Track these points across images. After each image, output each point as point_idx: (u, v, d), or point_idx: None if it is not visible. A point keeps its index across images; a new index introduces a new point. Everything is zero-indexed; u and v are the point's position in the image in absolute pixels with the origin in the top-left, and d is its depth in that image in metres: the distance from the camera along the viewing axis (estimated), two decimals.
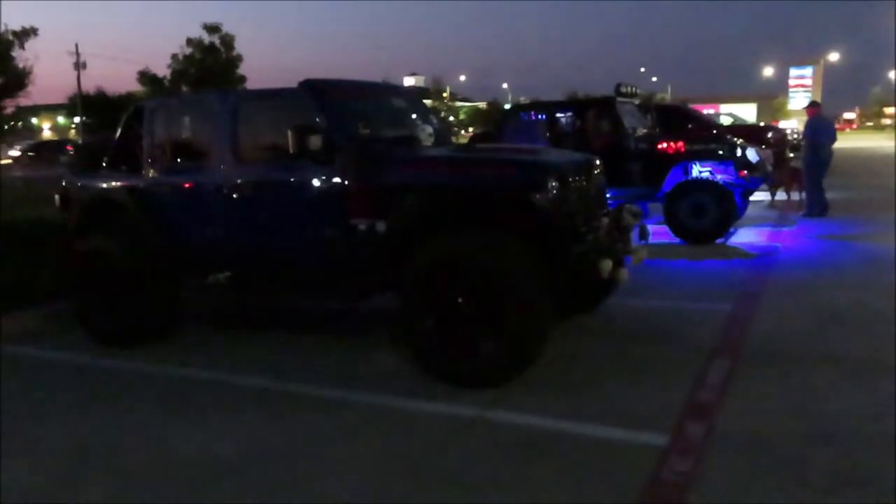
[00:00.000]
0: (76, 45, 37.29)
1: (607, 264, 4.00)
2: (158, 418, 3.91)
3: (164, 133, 5.44)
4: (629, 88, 9.62)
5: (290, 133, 4.43)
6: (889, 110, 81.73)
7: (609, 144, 9.22)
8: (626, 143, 9.01)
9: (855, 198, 12.51)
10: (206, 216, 5.09)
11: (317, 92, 4.78)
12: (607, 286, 4.64)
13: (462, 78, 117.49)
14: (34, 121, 61.28)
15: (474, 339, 4.02)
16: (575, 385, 4.08)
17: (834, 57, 77.31)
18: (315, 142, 4.47)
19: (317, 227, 4.68)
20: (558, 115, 9.59)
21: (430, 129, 5.07)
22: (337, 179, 4.53)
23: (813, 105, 11.69)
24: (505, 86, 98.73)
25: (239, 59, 26.50)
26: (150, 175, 5.38)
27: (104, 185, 5.67)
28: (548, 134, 9.55)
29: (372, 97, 5.37)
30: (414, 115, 5.52)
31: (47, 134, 62.34)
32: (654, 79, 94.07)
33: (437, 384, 4.08)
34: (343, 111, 4.81)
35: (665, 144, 8.93)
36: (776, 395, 3.82)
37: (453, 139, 5.92)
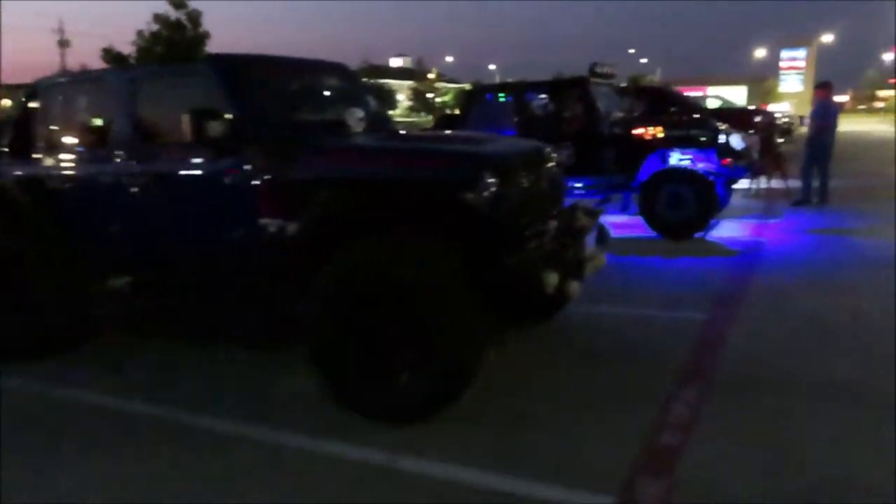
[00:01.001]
0: (60, 22, 36.10)
1: (552, 277, 3.33)
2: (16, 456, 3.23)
3: (59, 116, 4.75)
4: (605, 68, 8.91)
5: (188, 118, 3.74)
6: (882, 93, 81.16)
7: (581, 129, 8.55)
8: (600, 127, 8.32)
9: (849, 186, 11.89)
10: (102, 211, 4.41)
11: (223, 69, 4.07)
12: (557, 299, 3.99)
13: (449, 59, 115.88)
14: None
15: (393, 365, 3.36)
16: (509, 424, 3.41)
17: (827, 38, 76.52)
18: (216, 128, 3.77)
19: (221, 228, 4.00)
20: (527, 96, 8.87)
21: (360, 114, 4.35)
22: (243, 172, 3.84)
23: (823, 86, 10.86)
24: (493, 67, 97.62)
25: (206, 36, 25.43)
26: (45, 163, 4.68)
27: None
28: (516, 118, 8.85)
29: (294, 76, 4.64)
30: (346, 97, 4.81)
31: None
32: (644, 60, 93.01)
33: (354, 418, 3.42)
34: (254, 92, 4.10)
35: (641, 130, 8.24)
36: (752, 441, 3.17)
37: (393, 125, 5.18)
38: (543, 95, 8.90)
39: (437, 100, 66.59)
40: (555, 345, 4.50)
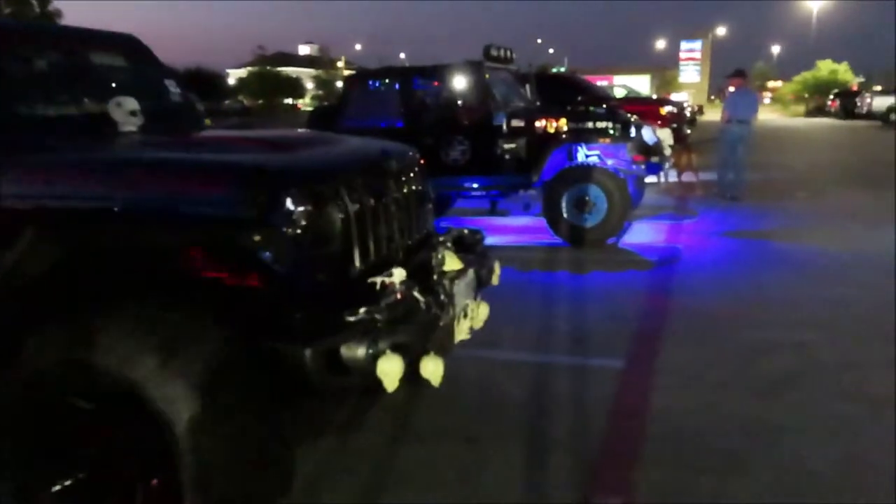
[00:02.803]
0: None
1: (391, 368, 2.08)
2: None
3: None
4: (502, 51, 7.76)
5: None
6: (771, 84, 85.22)
7: (476, 121, 7.37)
8: (497, 119, 7.17)
9: (756, 179, 11.33)
10: None
11: None
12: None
13: (358, 46, 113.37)
14: None
15: None
16: None
17: (721, 31, 79.71)
18: None
19: None
20: (414, 84, 7.62)
21: (132, 105, 2.95)
22: None
23: (737, 74, 10.20)
24: (403, 56, 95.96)
25: (57, 14, 22.85)
26: None
27: None
28: (401, 108, 7.58)
29: (37, 48, 3.16)
30: (129, 82, 3.40)
31: None
32: (551, 50, 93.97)
33: None
34: None
35: (544, 122, 7.15)
36: None
37: (200, 122, 3.76)
38: (432, 82, 7.69)
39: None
40: (405, 425, 3.26)
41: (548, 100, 8.92)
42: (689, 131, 14.63)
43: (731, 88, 10.35)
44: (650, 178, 8.28)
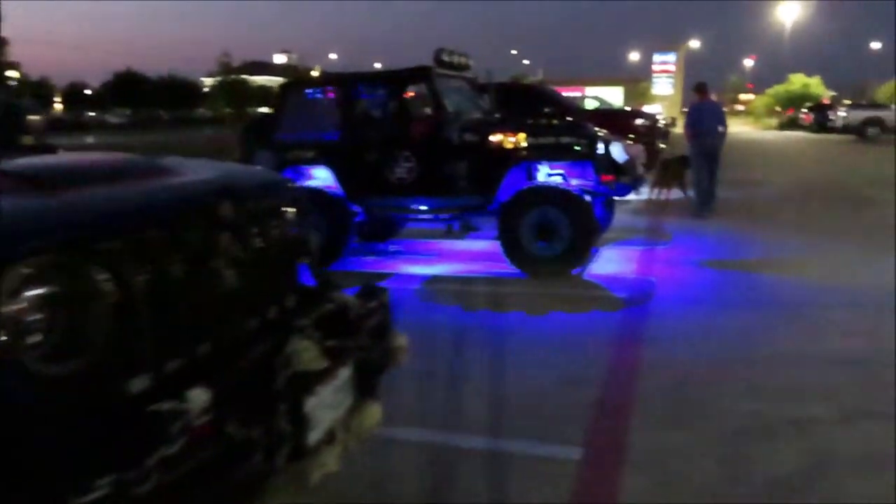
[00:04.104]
0: None
1: None
2: None
3: None
4: (455, 57, 6.91)
5: None
6: (743, 97, 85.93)
7: (423, 134, 6.52)
8: (447, 132, 6.31)
9: (732, 197, 10.62)
10: None
11: None
12: None
13: (333, 56, 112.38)
14: None
15: None
16: None
17: (695, 45, 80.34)
18: None
19: None
20: (356, 92, 6.72)
21: None
22: None
23: (697, 88, 9.79)
24: (378, 65, 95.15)
25: None
26: None
27: None
28: (342, 120, 6.68)
29: None
30: None
31: None
32: (526, 61, 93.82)
33: None
34: None
35: (500, 136, 6.29)
36: None
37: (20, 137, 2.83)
38: (376, 91, 6.81)
39: None
40: None
41: (513, 112, 8.09)
42: (663, 145, 13.90)
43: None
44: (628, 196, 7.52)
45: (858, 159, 18.75)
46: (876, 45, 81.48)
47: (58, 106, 72.88)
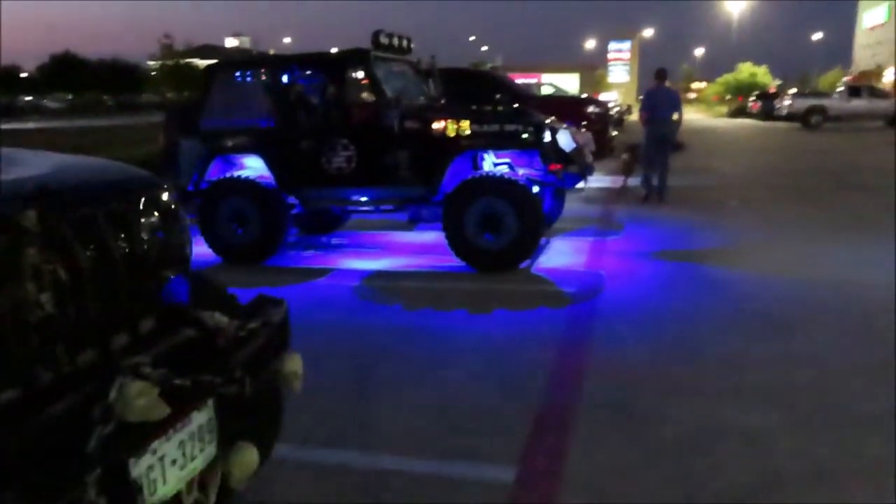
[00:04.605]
0: None
1: None
2: None
3: None
4: (395, 39, 6.54)
5: None
6: (695, 85, 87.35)
7: (362, 121, 6.17)
8: (387, 118, 5.95)
9: (686, 185, 10.52)
10: None
11: None
12: None
13: (287, 40, 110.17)
14: None
15: None
16: None
17: (648, 33, 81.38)
18: None
19: None
20: (289, 75, 6.30)
21: None
22: None
23: (656, 74, 9.66)
24: (335, 50, 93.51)
25: None
26: None
27: None
28: (273, 105, 6.26)
29: None
30: None
31: None
32: (485, 48, 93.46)
33: None
34: None
35: (444, 123, 5.97)
36: None
37: None
38: (311, 74, 6.40)
39: None
40: None
41: (463, 98, 7.76)
42: (615, 133, 13.76)
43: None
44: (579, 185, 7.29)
45: (802, 148, 18.98)
46: (817, 36, 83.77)
47: None
